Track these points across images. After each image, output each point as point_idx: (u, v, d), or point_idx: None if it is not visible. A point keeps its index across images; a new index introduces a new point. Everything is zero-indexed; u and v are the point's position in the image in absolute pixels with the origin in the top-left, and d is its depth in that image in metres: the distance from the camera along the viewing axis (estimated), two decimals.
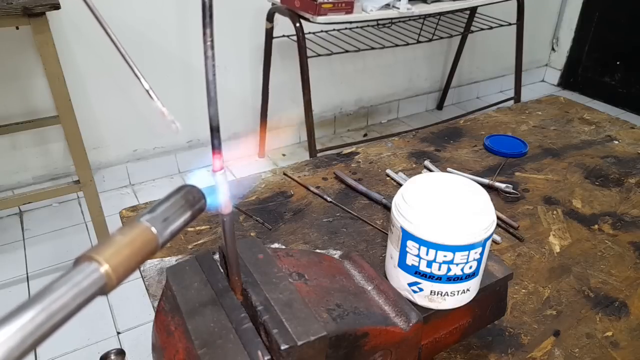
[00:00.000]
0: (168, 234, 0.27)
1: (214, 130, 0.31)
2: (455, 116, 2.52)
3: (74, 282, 0.22)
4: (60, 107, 1.43)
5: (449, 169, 0.83)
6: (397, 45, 2.03)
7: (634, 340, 0.53)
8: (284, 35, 2.01)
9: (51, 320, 0.21)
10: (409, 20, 2.20)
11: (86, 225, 1.88)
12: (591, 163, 0.86)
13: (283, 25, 1.93)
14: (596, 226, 0.71)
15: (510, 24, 2.25)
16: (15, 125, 1.71)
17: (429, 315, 0.45)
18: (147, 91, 0.29)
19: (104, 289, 0.23)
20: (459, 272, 0.43)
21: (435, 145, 0.91)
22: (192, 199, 0.30)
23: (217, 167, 0.31)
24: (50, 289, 0.22)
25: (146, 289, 0.57)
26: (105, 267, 0.23)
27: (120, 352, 0.47)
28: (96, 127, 1.96)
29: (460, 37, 2.60)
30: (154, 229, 0.26)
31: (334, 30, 2.13)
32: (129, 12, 1.82)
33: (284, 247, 0.64)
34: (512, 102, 2.54)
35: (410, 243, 0.43)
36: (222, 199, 0.33)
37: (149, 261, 0.61)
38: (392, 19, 2.09)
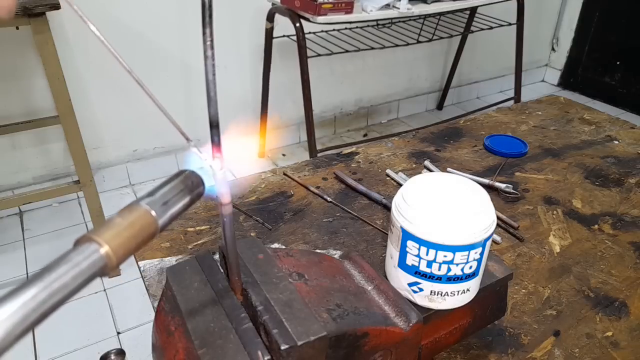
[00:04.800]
0: (167, 217, 0.27)
1: (214, 129, 0.31)
2: (455, 116, 2.52)
3: (75, 262, 0.22)
4: (60, 107, 1.43)
5: (449, 169, 0.83)
6: (397, 45, 2.03)
7: (634, 340, 0.53)
8: (284, 35, 2.01)
9: (52, 299, 0.21)
10: (409, 20, 2.20)
11: (86, 225, 1.88)
12: (591, 163, 0.86)
13: (283, 25, 1.92)
14: (596, 226, 0.71)
15: (510, 24, 2.25)
16: (15, 125, 1.71)
17: (429, 315, 0.44)
18: (187, 140, 0.30)
19: (104, 269, 0.23)
20: (459, 272, 0.43)
21: (435, 145, 0.91)
22: (191, 183, 0.30)
23: (217, 164, 0.31)
24: (50, 268, 0.21)
25: (146, 289, 0.57)
26: (105, 249, 0.23)
27: (120, 352, 0.47)
28: (96, 127, 1.96)
29: (460, 37, 2.60)
30: (153, 212, 0.26)
31: (334, 30, 2.13)
32: (129, 12, 1.82)
33: (284, 247, 0.64)
34: (512, 102, 2.54)
35: (410, 243, 0.43)
36: (222, 197, 0.33)
37: (148, 261, 0.62)
38: (392, 19, 2.09)
